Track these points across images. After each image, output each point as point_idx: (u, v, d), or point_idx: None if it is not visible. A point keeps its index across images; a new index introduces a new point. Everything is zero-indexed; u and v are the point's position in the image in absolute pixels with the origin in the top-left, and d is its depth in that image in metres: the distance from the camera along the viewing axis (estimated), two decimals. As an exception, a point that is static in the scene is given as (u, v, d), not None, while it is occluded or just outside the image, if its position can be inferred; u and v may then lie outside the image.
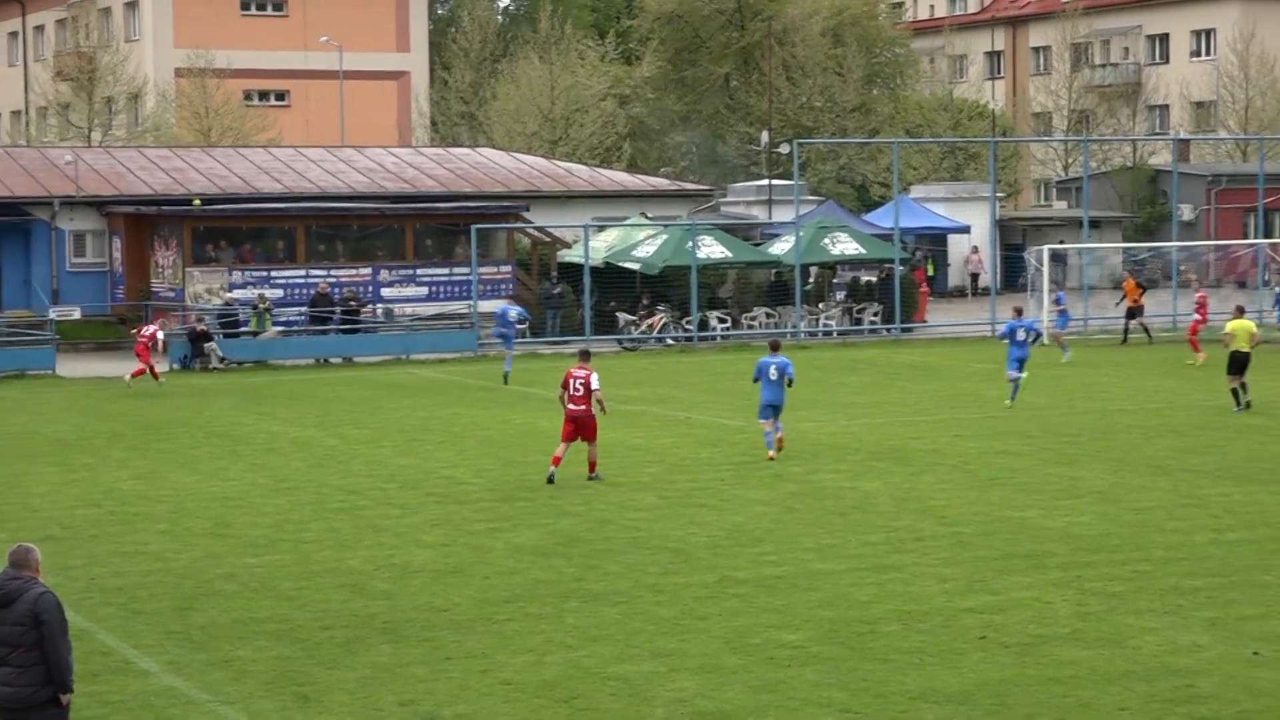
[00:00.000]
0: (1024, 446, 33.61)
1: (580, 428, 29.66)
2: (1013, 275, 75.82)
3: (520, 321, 50.44)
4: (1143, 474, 30.07)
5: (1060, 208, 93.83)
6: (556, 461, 29.76)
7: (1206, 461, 31.42)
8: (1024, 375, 40.68)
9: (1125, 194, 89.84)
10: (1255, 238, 73.15)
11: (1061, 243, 74.98)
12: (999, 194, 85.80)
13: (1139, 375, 47.42)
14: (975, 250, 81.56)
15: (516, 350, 49.51)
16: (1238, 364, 39.05)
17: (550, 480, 29.47)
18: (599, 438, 30.27)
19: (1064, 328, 54.62)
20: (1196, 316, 53.17)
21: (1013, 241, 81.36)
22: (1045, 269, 60.48)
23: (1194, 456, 32.08)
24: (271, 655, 18.54)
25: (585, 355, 30.79)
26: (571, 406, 29.59)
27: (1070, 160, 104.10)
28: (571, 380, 29.63)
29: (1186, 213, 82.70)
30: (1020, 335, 40.59)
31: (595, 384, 29.57)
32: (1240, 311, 41.72)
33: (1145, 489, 28.45)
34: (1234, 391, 39.12)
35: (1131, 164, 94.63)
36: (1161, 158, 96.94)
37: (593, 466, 29.99)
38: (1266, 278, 64.76)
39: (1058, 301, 55.41)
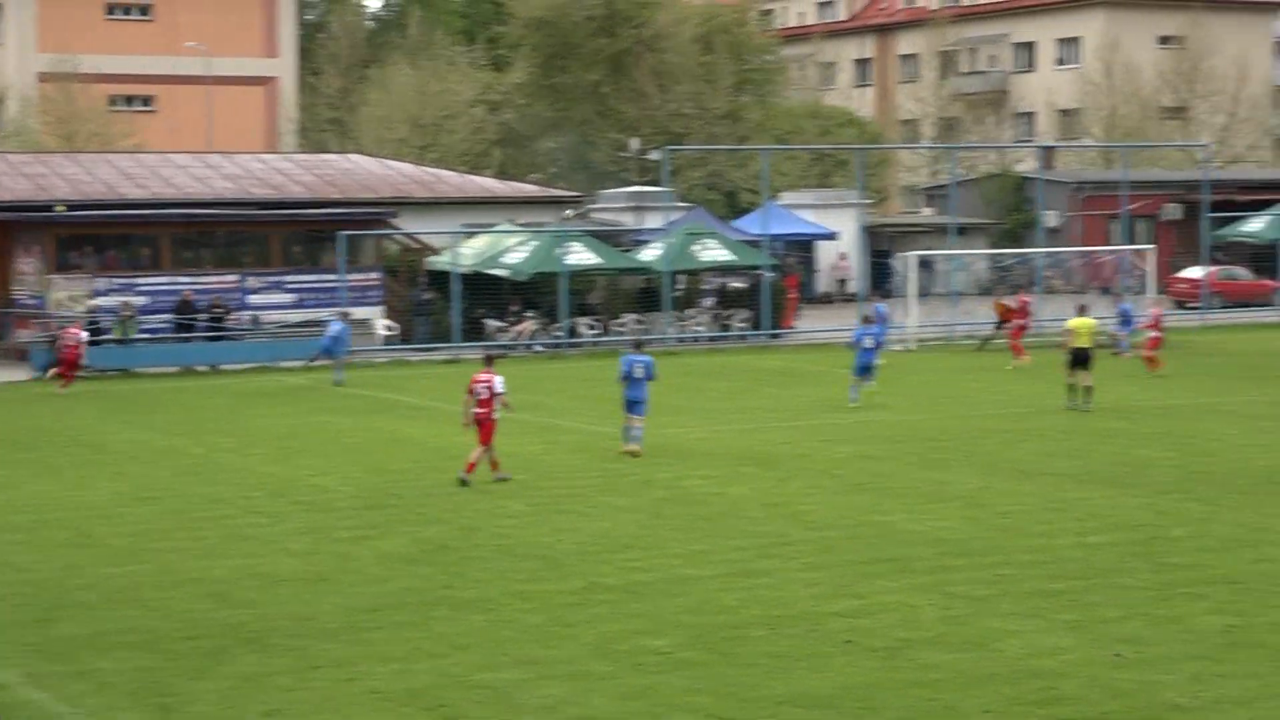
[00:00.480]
0: (891, 451, 33.84)
1: (480, 430, 30.37)
2: (880, 281, 76.28)
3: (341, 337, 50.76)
4: (1008, 478, 30.36)
5: (928, 214, 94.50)
6: (471, 468, 30.21)
7: (1071, 465, 31.77)
8: (872, 383, 41.55)
9: (992, 201, 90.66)
10: (1119, 244, 73.98)
11: (929, 249, 75.55)
12: (867, 201, 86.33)
13: (1005, 381, 47.87)
14: (844, 256, 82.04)
15: (383, 358, 49.51)
16: (1079, 360, 40.34)
17: (463, 483, 29.88)
18: (497, 442, 30.82)
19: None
20: (1020, 321, 53.86)
21: (881, 248, 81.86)
22: (913, 275, 60.95)
23: (1059, 460, 32.42)
24: (133, 666, 18.37)
25: (489, 360, 31.65)
26: (477, 410, 30.33)
27: (938, 167, 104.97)
28: (476, 385, 30.46)
29: (1052, 219, 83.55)
30: (868, 343, 41.97)
31: (500, 387, 30.45)
32: (1082, 310, 43.18)
33: (1010, 493, 28.73)
34: (1070, 387, 40.43)
35: (998, 171, 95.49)
36: (1028, 165, 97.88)
37: (495, 466, 30.48)
38: (1129, 283, 65.47)
39: (877, 313, 54.59)
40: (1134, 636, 19.14)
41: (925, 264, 67.83)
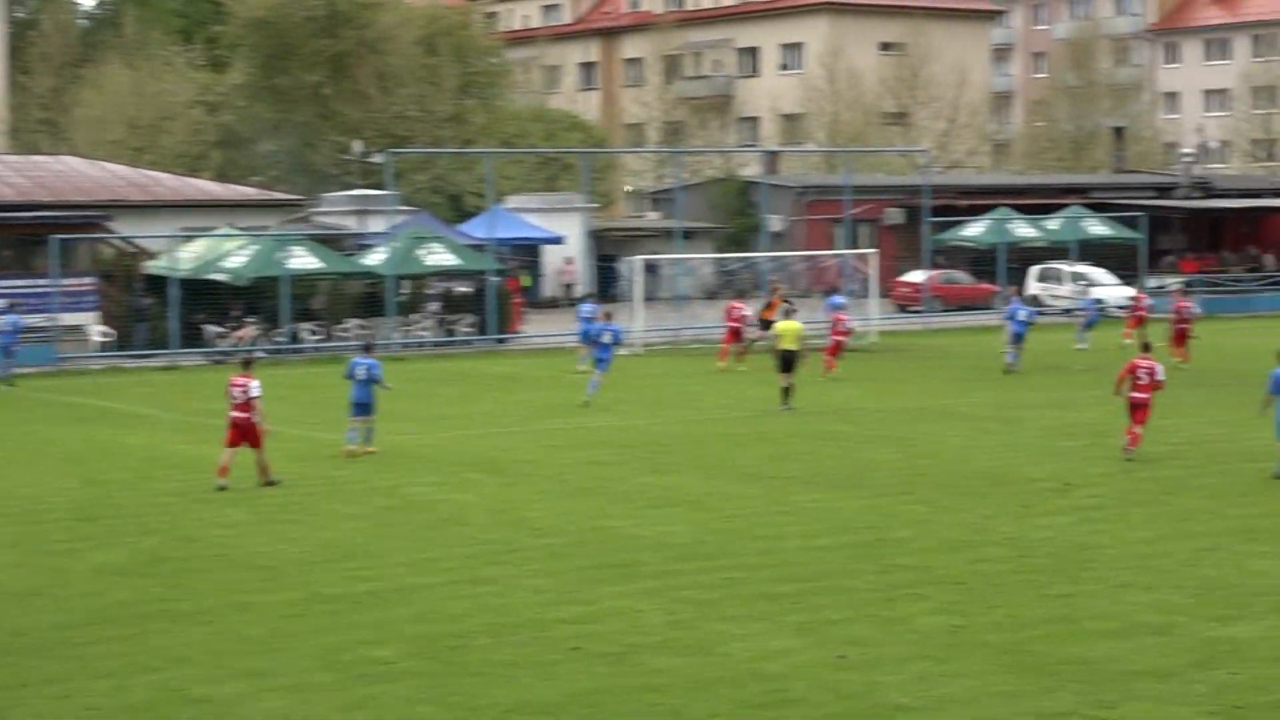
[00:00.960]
0: (618, 456, 33.96)
1: (244, 434, 30.30)
2: (606, 285, 76.65)
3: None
4: (735, 482, 30.62)
5: (654, 218, 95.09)
6: (224, 471, 30.06)
7: (797, 468, 32.14)
8: (600, 375, 43.01)
9: (717, 205, 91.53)
10: (843, 248, 75.09)
11: (655, 253, 76.03)
12: (593, 205, 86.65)
13: (732, 384, 48.31)
14: (570, 261, 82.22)
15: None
16: (786, 363, 41.67)
17: (221, 488, 29.68)
18: (263, 443, 30.76)
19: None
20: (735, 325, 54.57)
21: (607, 252, 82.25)
22: (639, 280, 61.23)
23: (785, 463, 32.78)
24: None
25: (247, 363, 31.65)
26: (234, 414, 30.32)
27: (663, 171, 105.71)
28: (232, 388, 30.51)
29: (776, 223, 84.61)
30: (606, 338, 43.79)
31: (256, 391, 30.39)
32: (788, 314, 44.97)
33: (737, 497, 28.97)
34: (784, 390, 41.58)
35: (723, 175, 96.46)
36: (752, 169, 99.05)
37: (264, 471, 30.31)
38: (853, 288, 66.46)
39: (587, 312, 54.56)
40: (859, 638, 19.38)
41: (651, 268, 68.26)
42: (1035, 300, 62.43)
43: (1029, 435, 36.99)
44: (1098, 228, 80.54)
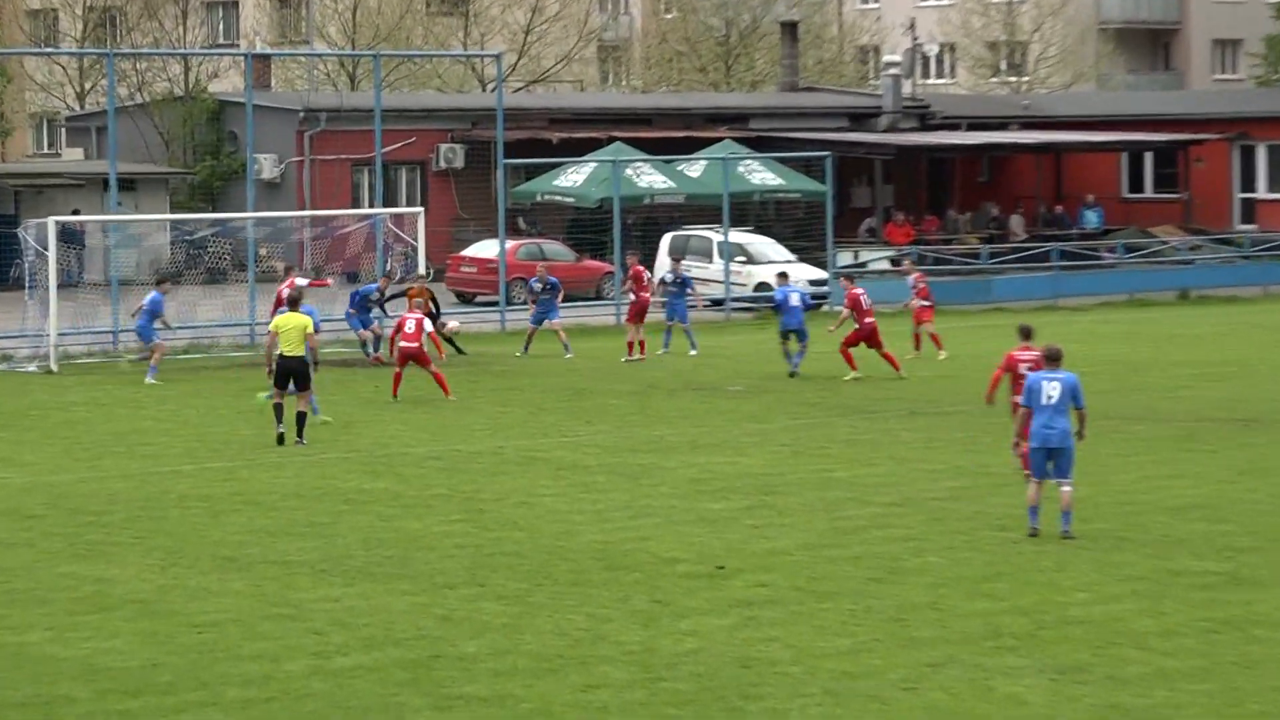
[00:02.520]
0: (25, 532, 33.64)
1: None
2: (2, 264, 75.49)
3: None
4: (207, 569, 30.45)
5: (75, 159, 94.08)
6: None
7: (307, 547, 32.02)
8: None
9: (176, 137, 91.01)
10: (371, 204, 75.10)
11: (77, 212, 75.14)
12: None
13: (206, 416, 48.06)
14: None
15: None
16: (285, 374, 42.96)
17: None
18: None
19: None
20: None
21: (4, 211, 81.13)
22: (52, 254, 60.10)
23: (288, 540, 32.68)
24: None
25: None
26: None
27: (91, 85, 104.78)
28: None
29: (268, 167, 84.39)
30: None
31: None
32: (294, 306, 44.65)
33: (213, 593, 28.80)
34: (277, 413, 43.03)
35: (185, 91, 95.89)
36: (230, 83, 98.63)
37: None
38: (388, 264, 66.37)
39: None
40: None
41: (70, 236, 67.42)
42: (682, 285, 62.30)
43: (663, 492, 37.36)
44: (762, 174, 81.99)
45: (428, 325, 50.89)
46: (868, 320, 54.44)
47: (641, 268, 63.78)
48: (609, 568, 30.55)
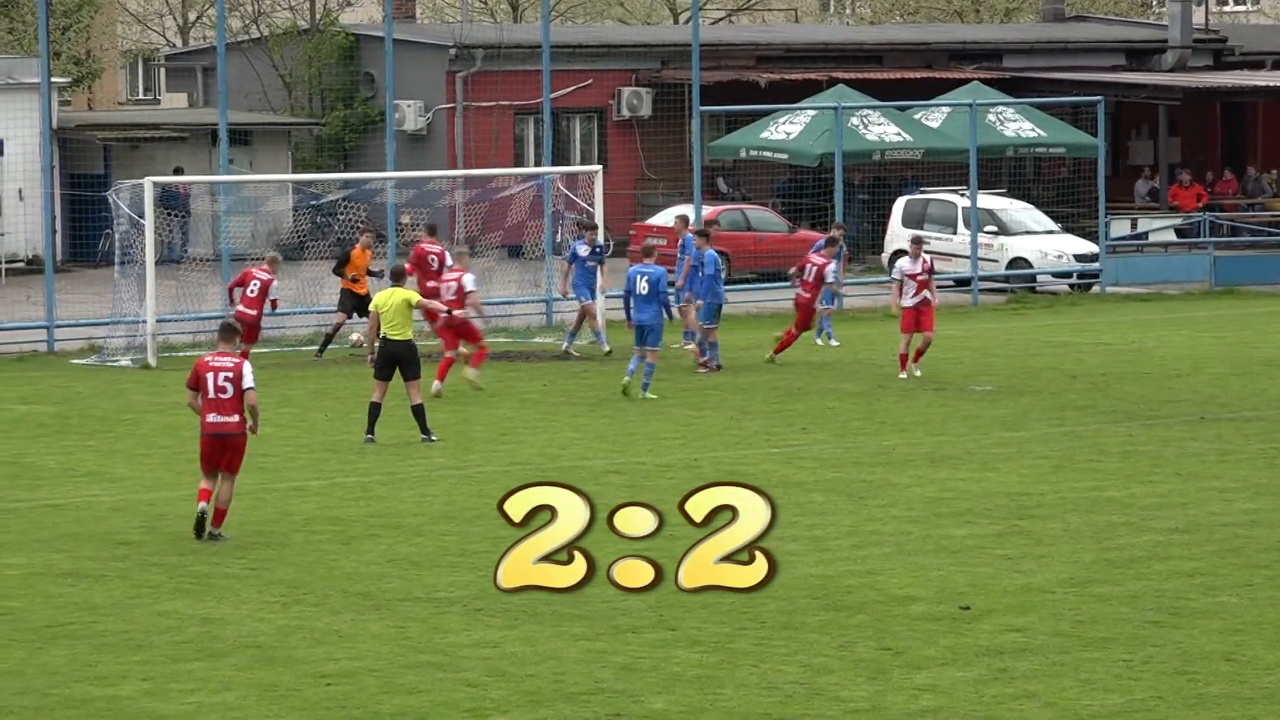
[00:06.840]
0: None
1: None
2: (89, 235, 75.95)
3: None
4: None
5: (177, 106, 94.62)
6: None
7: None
8: None
9: (300, 80, 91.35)
10: (538, 161, 75.38)
11: (179, 171, 75.57)
12: (61, 78, 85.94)
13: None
14: (21, 195, 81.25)
15: None
16: (390, 362, 43.76)
17: None
18: None
19: None
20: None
21: (87, 170, 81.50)
22: (149, 224, 60.25)
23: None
24: None
25: None
26: None
27: (196, 15, 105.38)
28: None
29: (411, 116, 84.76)
30: None
31: None
32: (398, 280, 45.68)
33: None
34: (374, 413, 44.61)
35: (310, 23, 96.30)
36: (367, 13, 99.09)
37: None
38: (557, 236, 66.58)
39: None
40: None
41: (171, 201, 67.77)
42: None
43: (894, 516, 37.45)
44: (1017, 124, 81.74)
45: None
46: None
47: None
48: (828, 607, 30.65)
